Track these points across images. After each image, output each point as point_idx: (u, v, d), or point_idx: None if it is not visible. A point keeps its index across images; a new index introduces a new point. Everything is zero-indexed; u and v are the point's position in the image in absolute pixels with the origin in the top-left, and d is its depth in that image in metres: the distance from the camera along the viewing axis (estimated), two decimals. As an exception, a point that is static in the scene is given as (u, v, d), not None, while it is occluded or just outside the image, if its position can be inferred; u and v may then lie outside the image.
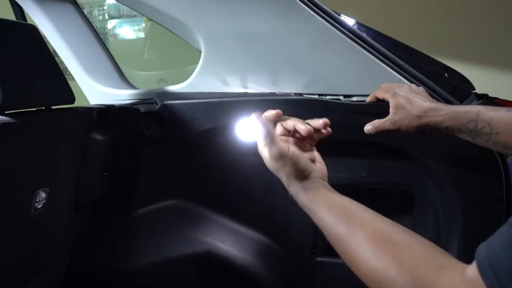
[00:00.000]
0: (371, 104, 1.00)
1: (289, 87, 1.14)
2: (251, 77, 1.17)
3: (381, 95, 0.92)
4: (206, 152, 1.22)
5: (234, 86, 1.20)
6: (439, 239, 1.10)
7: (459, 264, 0.41)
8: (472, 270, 0.38)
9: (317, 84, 1.09)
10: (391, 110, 0.88)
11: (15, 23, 0.95)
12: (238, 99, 1.13)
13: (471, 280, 0.37)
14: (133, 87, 1.52)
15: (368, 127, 0.90)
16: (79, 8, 1.50)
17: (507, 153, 0.86)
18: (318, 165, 0.64)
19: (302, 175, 0.59)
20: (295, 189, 0.59)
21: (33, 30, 0.97)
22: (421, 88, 0.92)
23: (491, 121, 0.77)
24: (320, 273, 1.18)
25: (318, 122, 0.62)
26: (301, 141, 0.64)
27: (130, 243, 1.26)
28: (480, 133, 0.78)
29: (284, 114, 1.11)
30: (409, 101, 0.85)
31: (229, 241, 1.22)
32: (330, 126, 0.67)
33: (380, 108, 0.97)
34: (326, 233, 0.53)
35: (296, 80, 1.13)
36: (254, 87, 1.18)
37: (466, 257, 0.44)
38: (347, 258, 0.49)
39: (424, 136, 0.92)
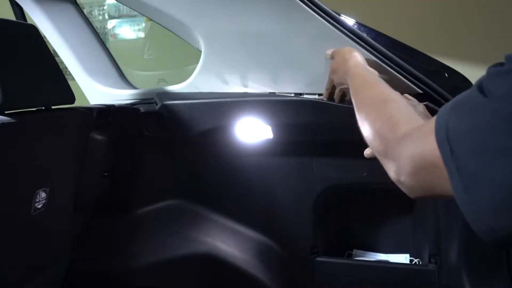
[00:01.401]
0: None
1: (289, 87, 1.14)
2: (251, 77, 1.17)
3: None
4: (206, 152, 1.22)
5: (234, 86, 1.20)
6: (439, 239, 1.10)
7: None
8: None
9: (317, 84, 1.09)
10: None
11: (15, 23, 0.95)
12: (238, 99, 1.13)
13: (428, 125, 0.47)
14: (133, 87, 1.52)
15: (367, 152, 0.83)
16: (79, 8, 1.50)
17: None
18: None
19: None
20: (353, 63, 0.87)
21: (33, 30, 0.97)
22: (420, 107, 0.90)
23: None
24: (320, 273, 1.18)
25: None
26: None
27: (130, 243, 1.26)
28: None
29: (284, 114, 1.14)
30: None
31: (229, 241, 1.22)
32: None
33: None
34: (354, 95, 0.73)
35: (296, 80, 1.13)
36: (254, 87, 1.18)
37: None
38: (360, 114, 0.65)
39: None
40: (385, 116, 0.57)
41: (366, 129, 0.61)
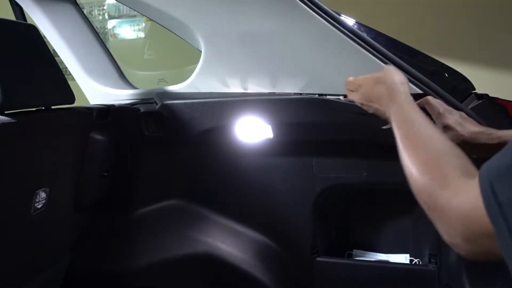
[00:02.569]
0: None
1: (289, 87, 1.14)
2: (251, 77, 1.17)
3: (430, 109, 0.86)
4: (206, 152, 1.22)
5: (234, 86, 1.20)
6: (439, 239, 1.10)
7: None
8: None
9: (317, 84, 1.09)
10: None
11: (15, 23, 0.95)
12: (238, 99, 1.13)
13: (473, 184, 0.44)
14: (133, 87, 1.52)
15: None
16: (79, 8, 1.50)
17: None
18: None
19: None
20: (395, 105, 0.73)
21: (33, 30, 0.97)
22: (456, 114, 0.86)
23: None
24: (320, 273, 1.18)
25: None
26: None
27: (130, 243, 1.26)
28: None
29: (284, 113, 1.11)
30: (459, 124, 0.82)
31: (229, 241, 1.22)
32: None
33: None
34: (399, 141, 0.66)
35: (296, 80, 1.12)
36: (254, 87, 1.18)
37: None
38: (404, 161, 0.61)
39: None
40: (435, 169, 0.54)
41: (413, 177, 0.58)
